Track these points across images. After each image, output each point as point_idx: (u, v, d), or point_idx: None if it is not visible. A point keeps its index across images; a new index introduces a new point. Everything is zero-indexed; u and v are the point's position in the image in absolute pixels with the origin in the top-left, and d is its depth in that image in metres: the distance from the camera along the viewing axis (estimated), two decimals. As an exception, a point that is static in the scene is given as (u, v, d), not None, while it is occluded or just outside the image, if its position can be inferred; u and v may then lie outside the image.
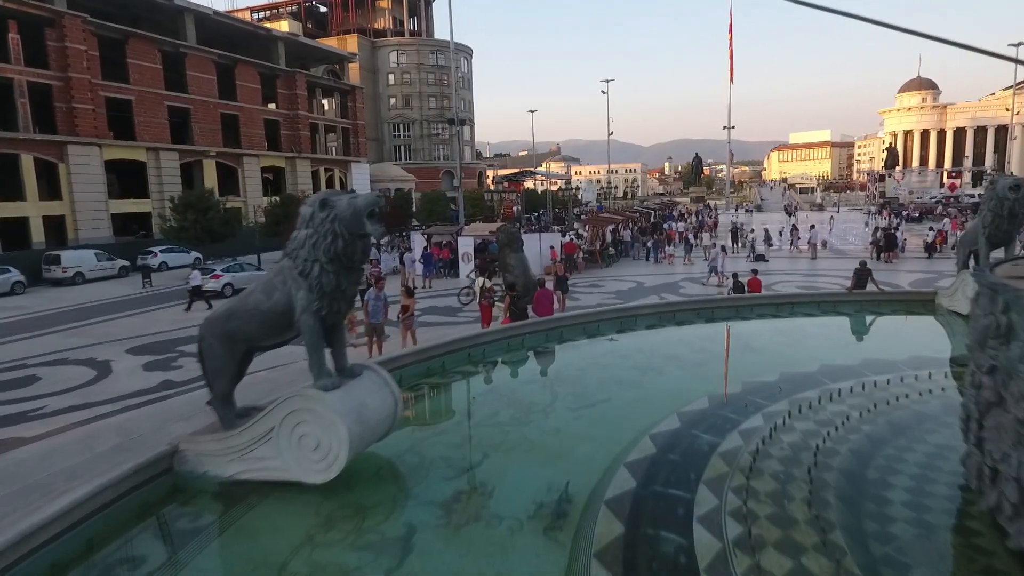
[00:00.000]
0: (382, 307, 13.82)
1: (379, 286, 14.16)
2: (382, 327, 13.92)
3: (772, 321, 14.29)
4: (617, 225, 37.05)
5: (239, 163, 52.83)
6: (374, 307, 13.67)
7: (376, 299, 13.77)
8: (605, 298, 23.45)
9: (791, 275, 27.71)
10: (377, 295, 13.86)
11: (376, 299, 13.77)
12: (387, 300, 14.25)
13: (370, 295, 13.86)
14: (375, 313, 13.62)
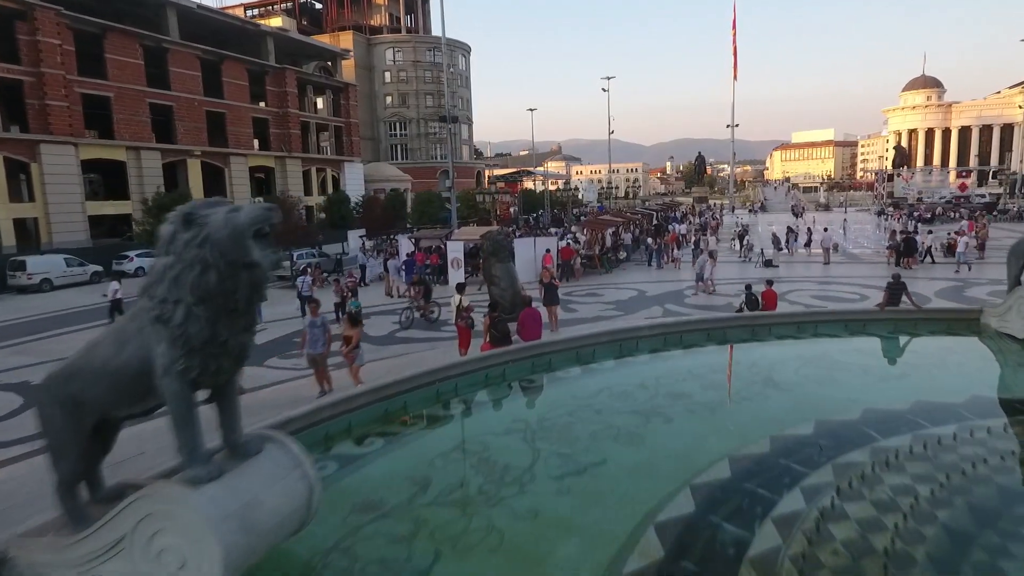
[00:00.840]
0: (321, 335, 11.60)
1: (314, 310, 11.99)
2: (324, 358, 11.69)
3: (795, 345, 12.38)
4: (617, 228, 35.10)
5: (226, 163, 50.95)
6: (312, 335, 11.58)
7: (313, 325, 11.68)
8: (604, 309, 21.53)
9: (804, 282, 25.76)
10: (313, 321, 11.72)
11: (313, 325, 11.68)
12: (327, 326, 12.01)
13: (306, 321, 11.86)
14: (314, 342, 11.52)
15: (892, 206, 65.69)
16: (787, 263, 31.38)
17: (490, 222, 45.82)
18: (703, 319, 13.34)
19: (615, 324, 14.15)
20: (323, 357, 11.54)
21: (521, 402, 9.70)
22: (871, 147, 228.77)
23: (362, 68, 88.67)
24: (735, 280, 26.63)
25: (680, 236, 41.45)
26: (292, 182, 57.12)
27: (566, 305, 22.58)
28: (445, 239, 27.96)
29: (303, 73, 58.84)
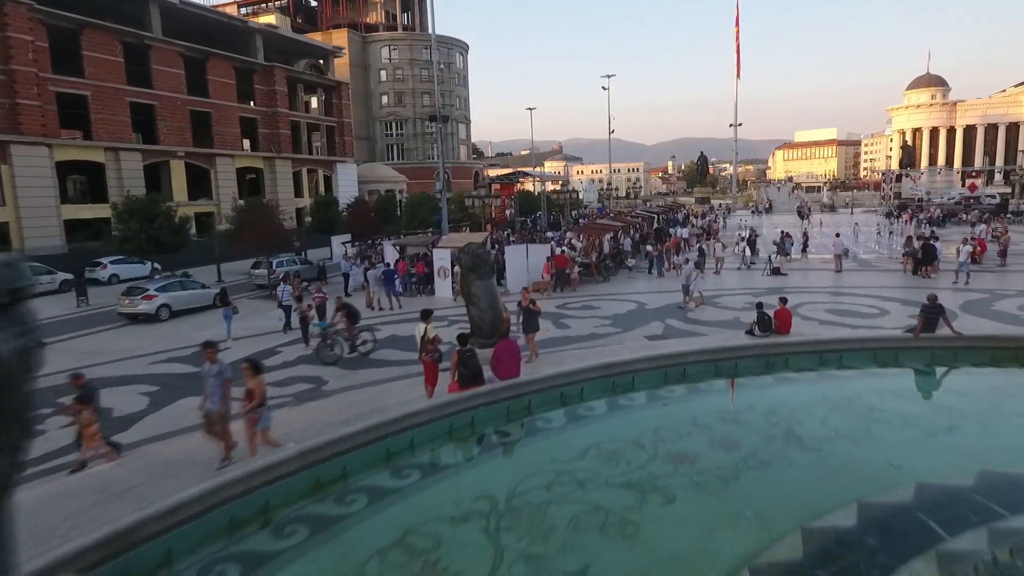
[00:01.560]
0: (218, 386, 8.98)
1: (211, 356, 9.24)
2: (223, 417, 9.01)
3: (818, 382, 10.61)
4: (616, 233, 33.25)
5: (211, 164, 49.21)
6: (211, 387, 9.02)
7: (208, 375, 9.12)
8: (599, 325, 19.73)
9: (815, 293, 23.92)
10: (209, 368, 9.15)
11: (208, 375, 9.12)
12: (226, 374, 9.24)
13: (204, 369, 9.33)
14: (212, 395, 8.99)
15: (900, 207, 63.70)
16: (796, 270, 29.54)
17: (484, 226, 44.05)
18: (708, 349, 11.55)
19: (606, 355, 12.38)
20: (221, 416, 8.93)
21: (489, 467, 7.92)
22: (874, 146, 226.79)
23: (357, 67, 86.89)
24: (740, 291, 24.85)
25: (682, 240, 39.68)
26: (282, 183, 55.44)
27: (558, 320, 20.83)
28: (431, 246, 26.17)
29: (293, 71, 57.09)
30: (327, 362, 16.12)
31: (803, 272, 29.39)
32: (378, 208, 46.67)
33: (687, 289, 21.63)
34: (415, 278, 26.46)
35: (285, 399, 13.61)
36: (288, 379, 15.33)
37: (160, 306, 23.04)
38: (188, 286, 24.82)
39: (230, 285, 32.62)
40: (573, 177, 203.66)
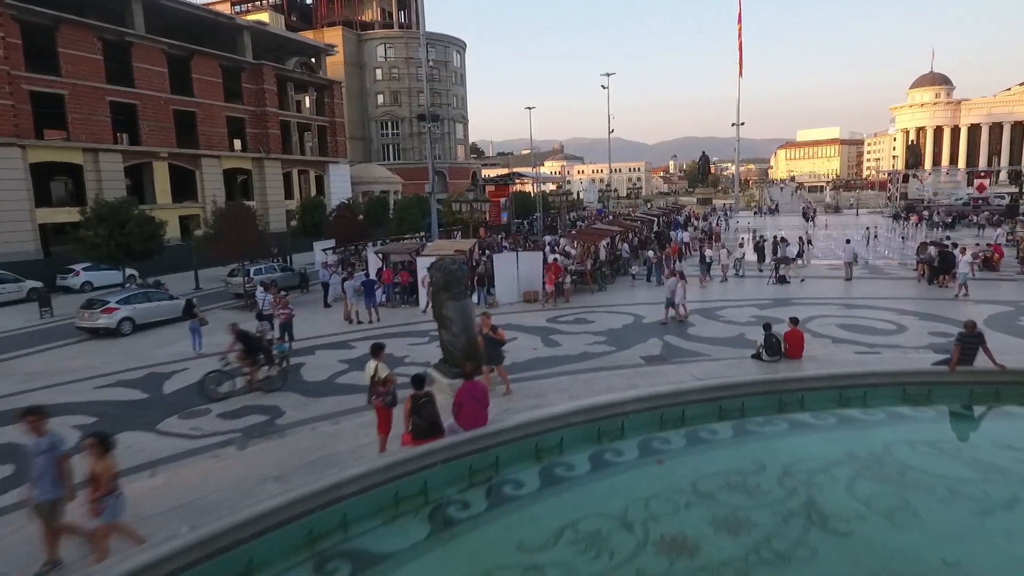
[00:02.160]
0: (50, 467, 6.71)
1: (36, 425, 6.83)
2: (55, 510, 6.77)
3: (841, 431, 9.01)
4: (614, 238, 31.63)
5: (197, 165, 47.65)
6: (40, 468, 6.70)
7: (37, 452, 6.74)
8: (591, 343, 18.11)
9: (825, 305, 22.27)
10: (38, 442, 6.78)
11: (37, 452, 6.74)
12: (60, 449, 6.91)
13: (29, 446, 6.89)
14: (42, 479, 6.68)
15: (907, 209, 61.94)
16: (804, 279, 27.89)
17: (477, 231, 42.41)
18: (710, 387, 9.92)
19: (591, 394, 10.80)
20: (53, 509, 6.67)
21: (435, 559, 6.28)
22: (878, 145, 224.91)
23: (352, 65, 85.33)
24: (744, 302, 23.18)
25: (683, 245, 38.05)
26: (271, 185, 53.91)
27: (548, 336, 19.22)
28: (416, 254, 24.57)
29: (283, 70, 55.49)
30: (212, 398, 14.28)
31: (811, 280, 27.73)
32: (369, 211, 45.14)
33: (671, 302, 20.01)
34: (399, 288, 24.87)
35: (232, 436, 12.06)
36: (242, 409, 13.74)
37: (122, 320, 21.46)
38: (154, 297, 23.24)
39: (207, 294, 31.14)
40: (574, 177, 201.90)
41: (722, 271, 28.17)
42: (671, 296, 19.92)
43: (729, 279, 28.24)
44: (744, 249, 30.25)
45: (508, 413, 9.60)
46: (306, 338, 20.34)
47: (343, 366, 16.86)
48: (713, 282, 27.75)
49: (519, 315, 22.49)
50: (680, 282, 20.15)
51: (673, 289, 19.87)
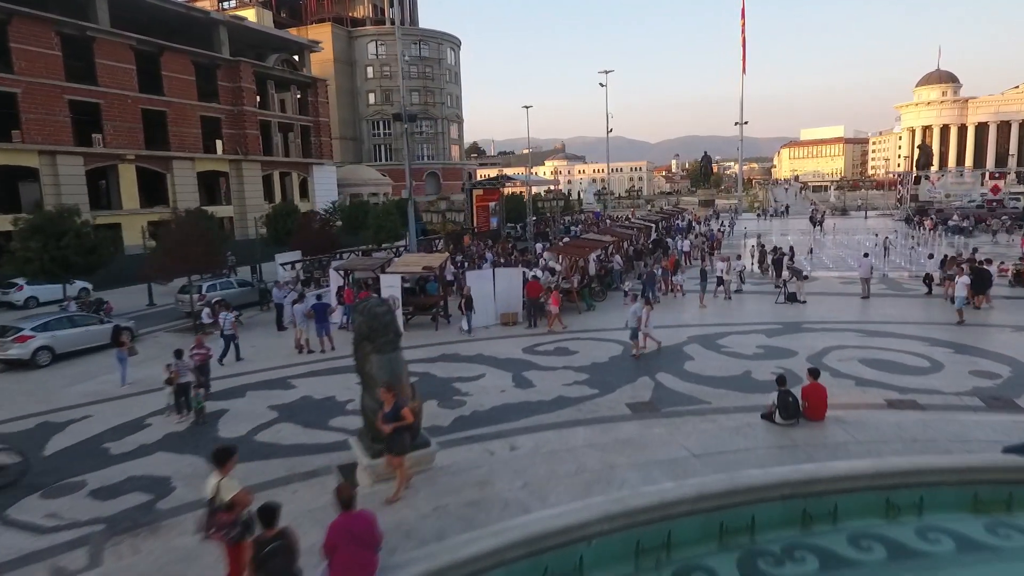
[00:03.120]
0: None
1: None
2: None
3: (895, 571, 6.22)
4: (606, 249, 28.84)
5: (168, 168, 45.01)
6: None
7: None
8: (569, 383, 15.34)
9: (841, 331, 19.46)
10: None
11: None
12: None
13: None
14: None
15: (919, 212, 58.98)
16: (814, 294, 25.06)
17: (461, 239, 39.63)
18: (707, 493, 7.13)
19: (547, 486, 8.14)
20: None
21: None
22: (883, 144, 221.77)
23: (342, 63, 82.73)
24: (748, 327, 20.24)
25: (682, 254, 35.25)
26: (250, 188, 51.22)
27: (520, 372, 16.45)
28: (380, 270, 21.82)
29: (262, 67, 52.77)
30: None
31: (824, 298, 24.88)
32: (350, 216, 42.35)
33: (635, 332, 17.20)
34: (360, 309, 22.09)
35: (94, 527, 9.36)
36: (124, 481, 11.03)
37: (38, 349, 18.75)
38: (80, 322, 20.50)
39: (159, 311, 28.38)
40: (575, 177, 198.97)
41: (724, 289, 25.36)
42: (635, 324, 17.11)
43: (732, 296, 25.45)
44: (742, 262, 27.16)
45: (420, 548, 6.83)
46: (242, 372, 17.65)
47: (271, 415, 14.13)
48: (714, 301, 24.95)
49: (492, 343, 19.74)
50: (645, 308, 17.37)
51: (638, 315, 17.05)
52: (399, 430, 8.46)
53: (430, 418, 13.33)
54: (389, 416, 8.51)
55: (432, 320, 22.22)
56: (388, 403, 8.61)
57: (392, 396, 8.65)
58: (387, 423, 8.53)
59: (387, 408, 8.60)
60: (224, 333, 18.90)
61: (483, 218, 44.53)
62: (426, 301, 22.22)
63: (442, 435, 12.33)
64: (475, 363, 17.50)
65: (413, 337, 20.97)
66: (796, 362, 16.16)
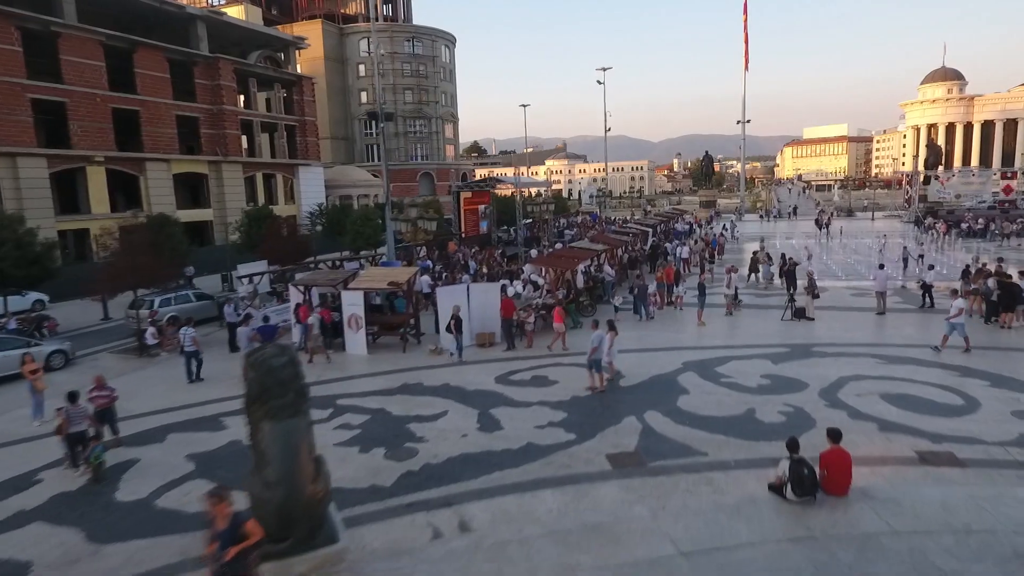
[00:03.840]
0: None
1: None
2: None
3: None
4: (597, 258, 26.60)
5: (141, 170, 42.86)
6: None
7: None
8: (544, 424, 13.17)
9: (856, 356, 17.19)
10: None
11: None
12: None
13: None
14: None
15: (929, 213, 56.58)
16: (824, 308, 22.77)
17: (445, 245, 37.44)
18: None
19: None
20: None
21: None
22: (887, 143, 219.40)
23: (333, 60, 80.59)
24: (750, 351, 17.87)
25: (681, 261, 33.01)
26: (230, 190, 49.07)
27: (488, 408, 14.22)
28: (342, 286, 19.63)
29: (242, 64, 50.57)
30: None
31: (834, 313, 22.58)
32: (331, 221, 40.18)
33: (597, 364, 14.95)
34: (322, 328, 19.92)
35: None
36: (-24, 565, 8.89)
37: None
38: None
39: (112, 327, 26.20)
40: (575, 176, 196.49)
41: (726, 305, 23.13)
42: (597, 356, 14.84)
43: (734, 311, 23.20)
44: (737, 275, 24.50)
45: None
46: (171, 408, 15.46)
47: (187, 467, 11.95)
48: (715, 316, 22.71)
49: (463, 370, 17.53)
50: (609, 334, 15.14)
51: (596, 345, 14.80)
52: (244, 551, 6.10)
53: (371, 475, 11.21)
54: (225, 538, 6.08)
55: (401, 340, 20.03)
56: (220, 517, 6.19)
57: (224, 507, 6.19)
58: (224, 546, 6.02)
59: (220, 524, 6.17)
60: (185, 350, 17.24)
61: (472, 222, 42.31)
62: (393, 320, 20.02)
63: (382, 500, 10.18)
64: (439, 396, 15.31)
65: (377, 361, 18.83)
66: (807, 398, 13.95)
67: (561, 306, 20.81)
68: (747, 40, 79.33)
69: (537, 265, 22.26)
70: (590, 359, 14.89)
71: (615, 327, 15.56)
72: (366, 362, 18.78)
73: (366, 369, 18.04)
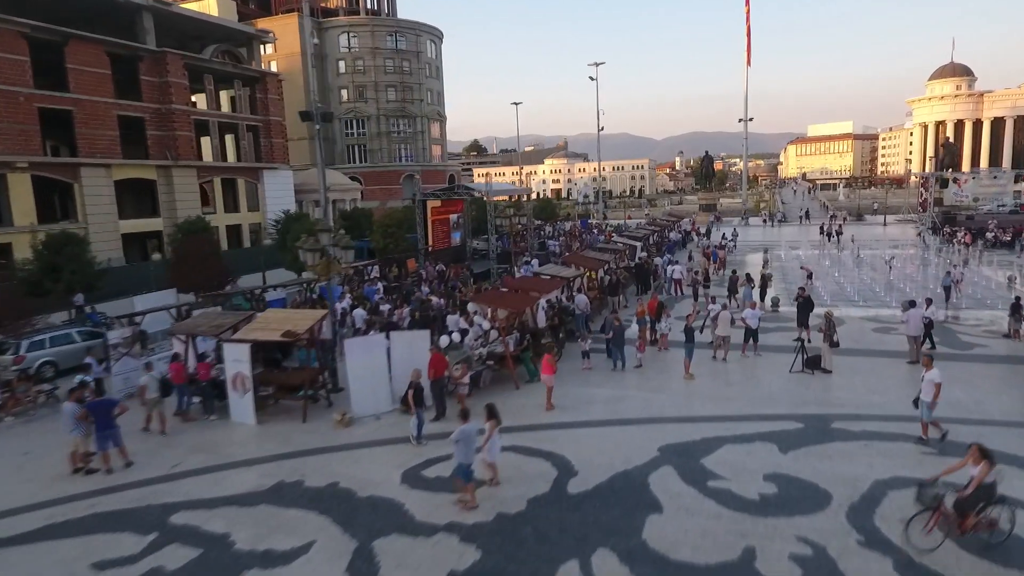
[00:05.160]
0: None
1: None
2: None
3: None
4: (567, 285, 22.26)
5: (75, 176, 38.62)
6: None
7: None
8: (446, 572, 8.87)
9: (896, 443, 12.85)
10: None
11: None
12: None
13: None
14: None
15: (947, 221, 51.97)
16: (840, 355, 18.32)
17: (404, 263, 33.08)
18: None
19: None
20: None
21: None
22: (893, 140, 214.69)
23: (312, 56, 75.95)
24: (749, 425, 13.32)
25: (672, 282, 28.68)
26: (183, 197, 44.79)
27: (372, 541, 9.79)
28: (227, 333, 15.31)
29: (195, 59, 46.20)
30: None
31: (854, 361, 18.07)
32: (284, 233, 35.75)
33: (464, 472, 10.56)
34: (196, 387, 15.63)
35: None
36: None
37: None
38: None
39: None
40: (575, 176, 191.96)
41: (713, 349, 18.81)
42: (464, 460, 10.49)
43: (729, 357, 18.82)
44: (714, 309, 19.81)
45: None
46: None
47: None
48: (707, 362, 18.34)
49: (365, 456, 13.20)
50: (488, 424, 10.85)
51: (462, 439, 10.48)
52: None
53: None
54: None
55: (313, 400, 15.67)
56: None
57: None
58: None
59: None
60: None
61: (442, 233, 37.93)
62: (293, 379, 15.67)
63: None
64: (314, 510, 10.96)
65: (263, 437, 14.45)
66: (831, 525, 9.63)
67: (507, 356, 16.52)
68: (749, 34, 74.87)
69: (481, 304, 17.90)
70: (458, 466, 10.55)
71: (496, 414, 11.15)
72: (249, 438, 14.45)
73: (242, 451, 13.70)
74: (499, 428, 11.10)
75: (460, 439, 10.31)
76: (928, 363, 12.62)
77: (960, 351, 18.91)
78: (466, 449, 10.33)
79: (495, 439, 10.90)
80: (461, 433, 10.33)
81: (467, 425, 10.49)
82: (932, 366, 12.50)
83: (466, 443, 10.33)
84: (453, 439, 10.41)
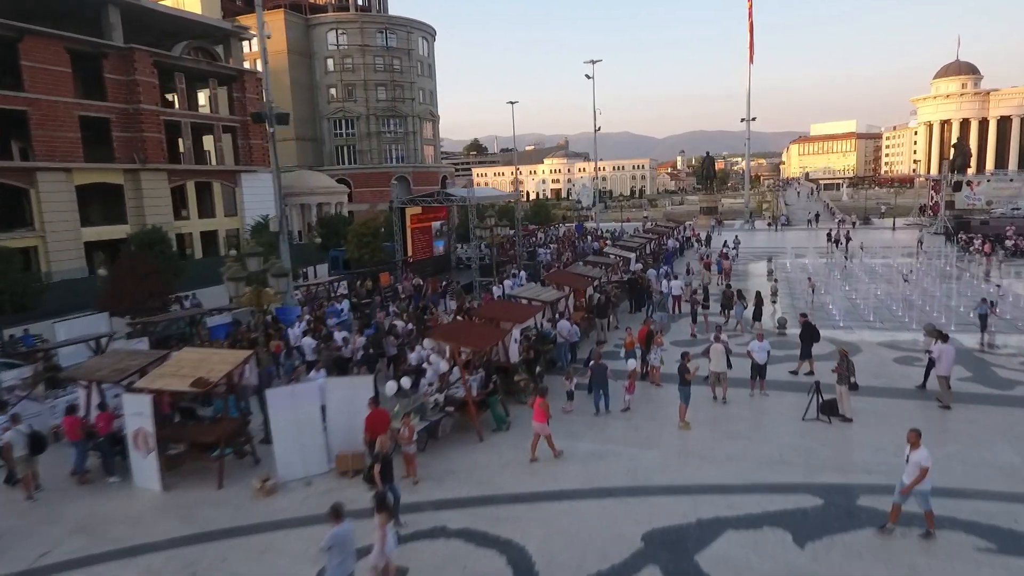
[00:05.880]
0: None
1: None
2: None
3: None
4: (549, 309, 19.72)
5: (31, 181, 36.12)
6: None
7: None
8: None
9: (943, 531, 10.31)
10: None
11: None
12: None
13: None
14: None
15: (961, 226, 49.26)
16: (858, 395, 15.76)
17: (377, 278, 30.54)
18: None
19: None
20: None
21: None
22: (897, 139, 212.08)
23: (298, 54, 73.70)
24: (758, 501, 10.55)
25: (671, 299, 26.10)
26: (153, 203, 42.31)
27: None
28: (130, 379, 12.78)
29: (164, 56, 43.62)
30: None
31: (874, 404, 15.47)
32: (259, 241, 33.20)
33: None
34: (94, 441, 13.10)
35: None
36: None
37: None
38: None
39: None
40: (575, 176, 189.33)
41: (711, 387, 16.26)
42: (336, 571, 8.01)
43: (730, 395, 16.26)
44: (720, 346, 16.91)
45: None
46: None
47: None
48: (707, 406, 15.76)
49: (279, 540, 10.64)
50: (378, 519, 8.26)
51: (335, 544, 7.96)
52: None
53: None
54: None
55: (239, 455, 13.17)
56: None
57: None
58: None
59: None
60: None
61: (423, 243, 35.38)
62: (207, 433, 13.09)
63: None
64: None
65: (165, 510, 11.86)
66: None
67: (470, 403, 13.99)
68: (752, 31, 72.25)
69: (438, 341, 15.29)
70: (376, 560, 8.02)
71: (387, 505, 8.54)
72: (146, 512, 11.88)
73: (130, 533, 11.12)
74: (391, 523, 8.47)
75: (333, 544, 7.75)
76: (915, 440, 9.71)
77: (999, 390, 16.28)
78: (341, 558, 7.79)
79: (389, 535, 8.21)
80: (333, 538, 7.76)
81: (339, 527, 7.90)
82: (919, 444, 9.67)
83: (340, 549, 7.78)
84: (324, 546, 7.83)
